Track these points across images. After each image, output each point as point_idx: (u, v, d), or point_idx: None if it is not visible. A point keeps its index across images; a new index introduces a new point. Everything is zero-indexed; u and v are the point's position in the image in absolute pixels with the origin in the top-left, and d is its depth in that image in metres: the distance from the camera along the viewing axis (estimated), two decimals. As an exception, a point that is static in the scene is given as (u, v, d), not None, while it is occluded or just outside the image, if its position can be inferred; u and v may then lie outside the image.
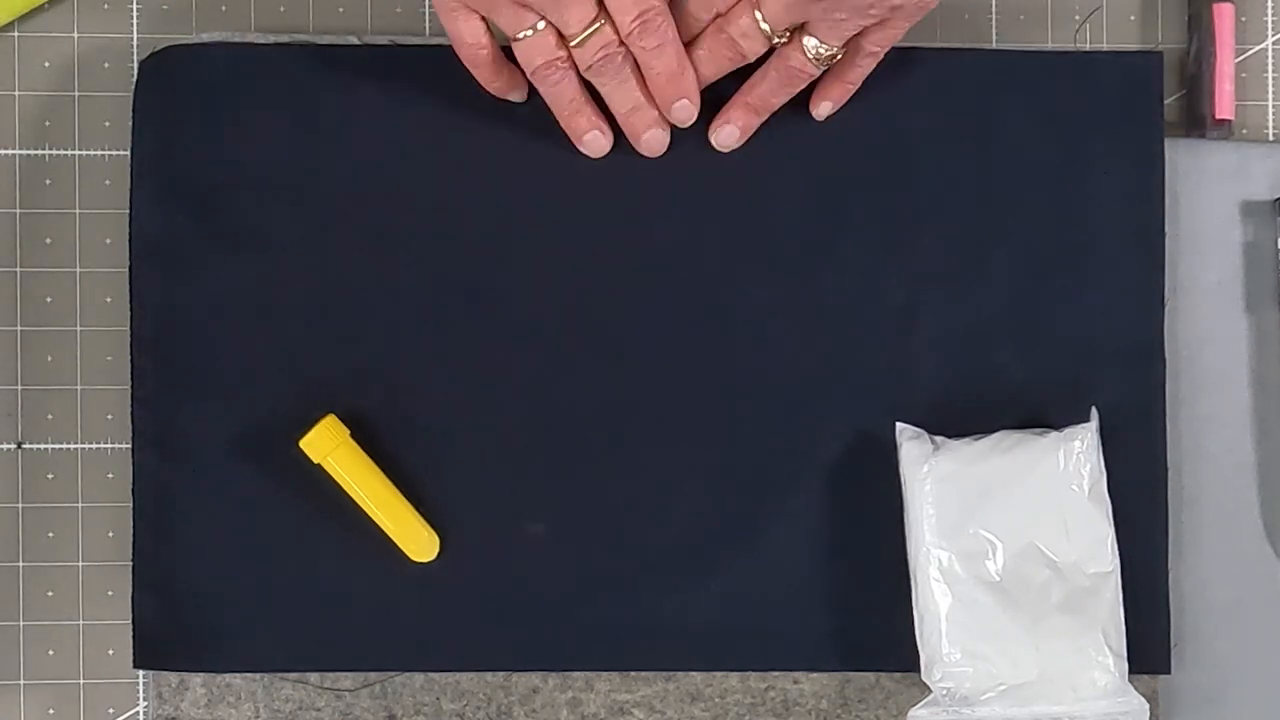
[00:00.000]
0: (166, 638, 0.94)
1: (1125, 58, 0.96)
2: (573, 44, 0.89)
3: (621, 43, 0.89)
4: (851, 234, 0.95)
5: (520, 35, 0.89)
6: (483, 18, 0.89)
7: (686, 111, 0.92)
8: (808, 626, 0.95)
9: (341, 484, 0.93)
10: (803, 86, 0.92)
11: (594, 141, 0.93)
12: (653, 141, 0.93)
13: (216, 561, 0.94)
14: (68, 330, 0.96)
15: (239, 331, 0.94)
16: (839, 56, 0.90)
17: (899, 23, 0.89)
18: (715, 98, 0.93)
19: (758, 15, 0.89)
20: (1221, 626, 0.97)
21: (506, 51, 0.92)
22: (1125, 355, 0.95)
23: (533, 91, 0.93)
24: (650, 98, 0.92)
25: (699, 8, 0.90)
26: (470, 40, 0.90)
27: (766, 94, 0.92)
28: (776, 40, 0.90)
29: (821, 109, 0.94)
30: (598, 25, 0.88)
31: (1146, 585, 0.94)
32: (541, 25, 0.89)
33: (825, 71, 0.92)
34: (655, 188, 0.95)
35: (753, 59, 0.91)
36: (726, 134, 0.94)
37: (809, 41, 0.89)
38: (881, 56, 0.91)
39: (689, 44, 0.91)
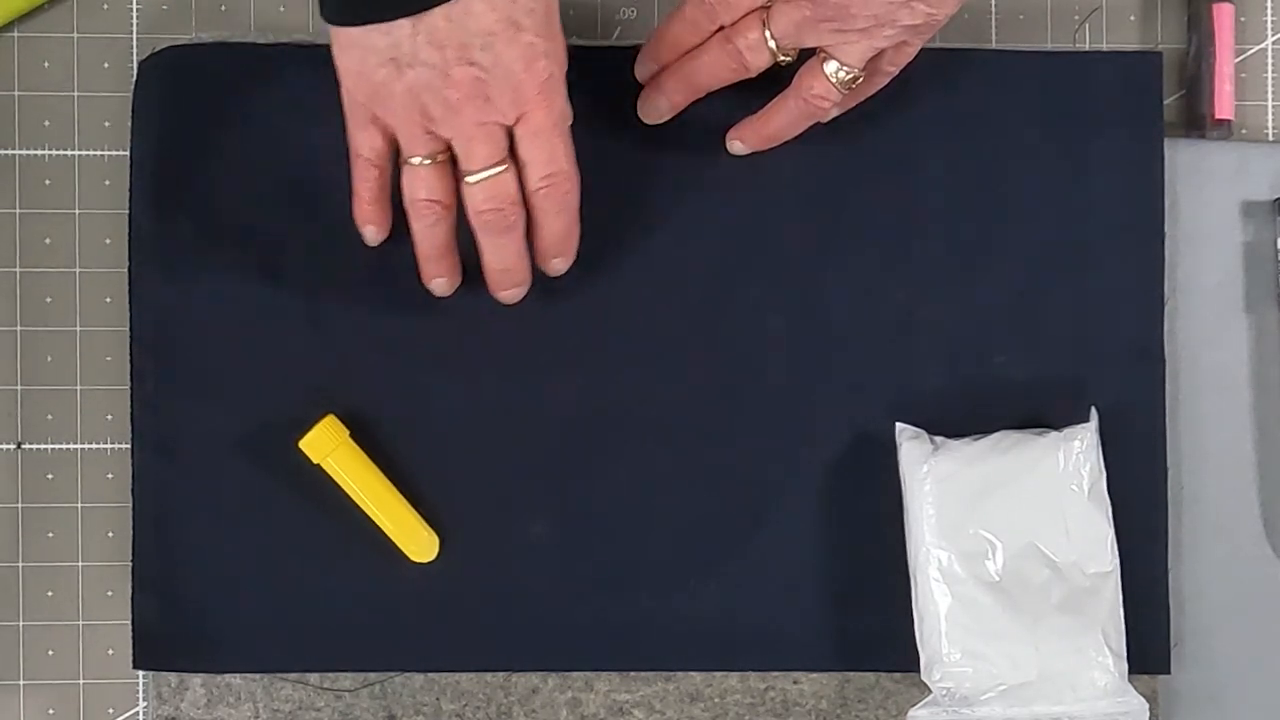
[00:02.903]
0: (166, 638, 0.94)
1: (1125, 58, 0.96)
2: (468, 179, 0.86)
3: (516, 201, 0.87)
4: (852, 234, 0.95)
5: (415, 160, 0.86)
6: (387, 139, 0.87)
7: (564, 265, 0.91)
8: (808, 626, 0.95)
9: (341, 484, 0.93)
10: (821, 118, 0.91)
11: (442, 287, 0.92)
12: (510, 299, 0.92)
13: (216, 561, 0.94)
14: (68, 330, 0.96)
15: (239, 331, 0.94)
16: (860, 79, 0.89)
17: (915, 41, 0.89)
18: (715, 102, 0.93)
19: (766, 31, 0.88)
20: (1221, 626, 0.97)
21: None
22: (1125, 355, 0.95)
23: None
24: (522, 256, 0.90)
25: (704, 17, 0.90)
26: (366, 155, 0.88)
27: (784, 125, 0.92)
28: (781, 59, 0.89)
29: (828, 114, 0.93)
30: (499, 170, 0.85)
31: (1146, 585, 0.94)
32: (441, 158, 0.86)
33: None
34: (655, 187, 0.95)
35: (755, 74, 0.90)
36: (733, 149, 0.94)
37: (830, 66, 0.88)
38: (896, 74, 0.91)
39: (690, 52, 0.91)
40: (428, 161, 0.86)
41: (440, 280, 0.92)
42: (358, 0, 0.83)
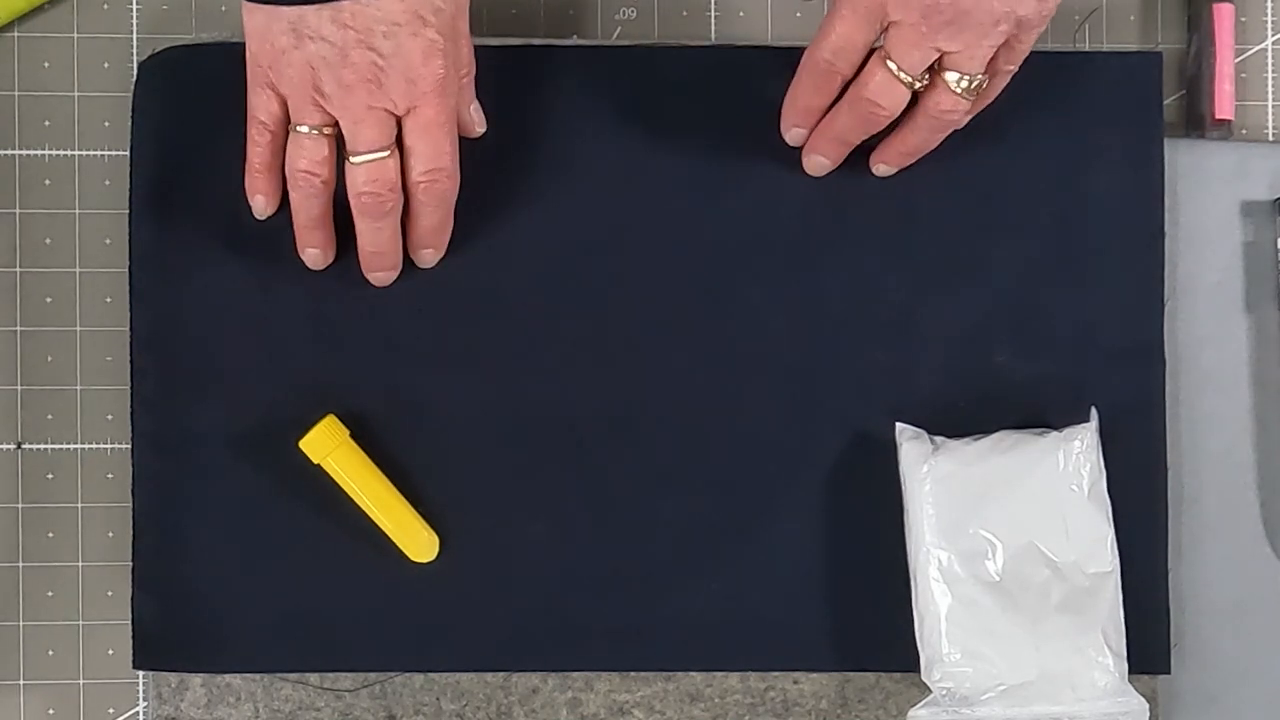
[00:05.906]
0: (166, 638, 0.94)
1: (1125, 58, 0.96)
2: (352, 159, 0.87)
3: (395, 188, 0.87)
4: (851, 234, 0.95)
5: (301, 128, 0.87)
6: (282, 105, 0.87)
7: (433, 258, 0.93)
8: (808, 626, 0.95)
9: (341, 484, 0.93)
10: (957, 126, 0.90)
11: (315, 258, 0.93)
12: (381, 282, 0.93)
13: (216, 561, 0.94)
14: (68, 330, 0.96)
15: (239, 331, 0.94)
16: (984, 83, 0.87)
17: (1025, 36, 0.87)
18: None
19: (891, 66, 0.86)
20: (1221, 626, 0.97)
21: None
22: (1125, 355, 0.95)
23: (534, 101, 0.93)
24: (395, 241, 0.91)
25: (824, 78, 0.88)
26: (262, 118, 0.88)
27: (921, 142, 0.91)
28: (917, 85, 0.87)
29: (963, 122, 0.91)
30: (383, 155, 0.87)
31: (1146, 585, 0.94)
32: (328, 131, 0.87)
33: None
34: (655, 187, 0.95)
35: (899, 110, 0.88)
36: (879, 171, 0.93)
37: (950, 76, 0.87)
38: (1014, 72, 0.89)
39: (830, 113, 0.90)
40: (314, 132, 0.87)
41: (314, 251, 0.92)
42: None
